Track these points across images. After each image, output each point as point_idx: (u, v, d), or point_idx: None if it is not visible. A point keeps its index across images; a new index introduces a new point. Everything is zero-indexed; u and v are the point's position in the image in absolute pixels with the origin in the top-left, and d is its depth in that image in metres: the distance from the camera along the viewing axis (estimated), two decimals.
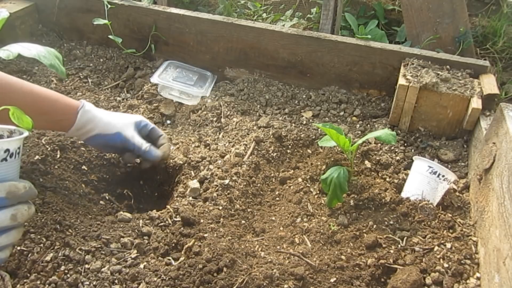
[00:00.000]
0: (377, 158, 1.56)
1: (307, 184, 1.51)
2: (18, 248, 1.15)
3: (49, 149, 1.52)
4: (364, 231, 1.32)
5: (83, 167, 1.57)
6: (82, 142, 1.59)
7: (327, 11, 2.15)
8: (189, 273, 1.16)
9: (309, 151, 1.66)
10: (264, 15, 2.74)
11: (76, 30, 2.19)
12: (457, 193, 1.45)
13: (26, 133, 0.98)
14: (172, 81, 1.90)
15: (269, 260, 1.23)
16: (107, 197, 1.53)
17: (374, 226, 1.33)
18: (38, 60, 1.20)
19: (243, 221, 1.39)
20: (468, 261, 1.21)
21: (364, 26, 2.44)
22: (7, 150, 0.92)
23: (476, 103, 1.54)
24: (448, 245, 1.26)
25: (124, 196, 1.60)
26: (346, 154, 1.48)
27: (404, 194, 1.42)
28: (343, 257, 1.24)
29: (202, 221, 1.31)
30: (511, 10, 2.53)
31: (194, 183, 1.44)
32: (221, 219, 1.34)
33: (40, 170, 1.43)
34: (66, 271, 1.14)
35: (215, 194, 1.41)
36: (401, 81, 1.62)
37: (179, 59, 2.06)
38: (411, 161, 1.53)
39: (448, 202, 1.41)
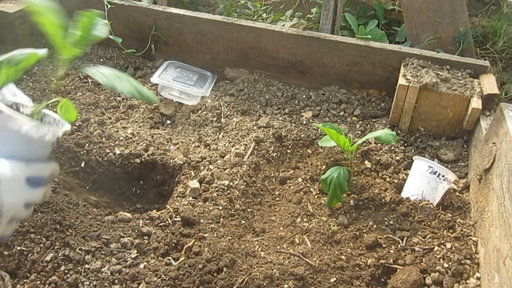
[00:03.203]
0: (377, 158, 1.56)
1: (307, 184, 1.51)
2: (18, 248, 1.15)
3: None
4: (364, 231, 1.32)
5: (83, 167, 1.57)
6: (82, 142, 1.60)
7: (327, 11, 2.15)
8: (189, 273, 1.16)
9: (309, 151, 1.66)
10: (264, 15, 2.74)
11: None
12: (457, 193, 1.45)
13: (68, 126, 1.08)
14: (172, 81, 1.90)
15: (269, 260, 1.23)
16: (106, 198, 1.54)
17: (374, 226, 1.33)
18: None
19: (243, 221, 1.39)
20: (468, 261, 1.21)
21: (364, 26, 2.43)
22: (58, 137, 1.05)
23: (476, 103, 1.54)
24: (448, 245, 1.26)
25: (124, 196, 1.61)
26: (346, 154, 1.48)
27: (404, 194, 1.42)
28: (343, 257, 1.24)
29: (202, 221, 1.31)
30: (511, 10, 2.53)
31: (194, 183, 1.44)
32: (221, 219, 1.34)
33: None
34: (66, 271, 1.14)
35: (215, 194, 1.41)
36: (401, 81, 1.62)
37: (179, 59, 2.06)
38: (411, 161, 1.53)
39: (448, 202, 1.41)
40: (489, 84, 1.61)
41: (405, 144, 1.65)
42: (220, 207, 1.37)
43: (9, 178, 0.94)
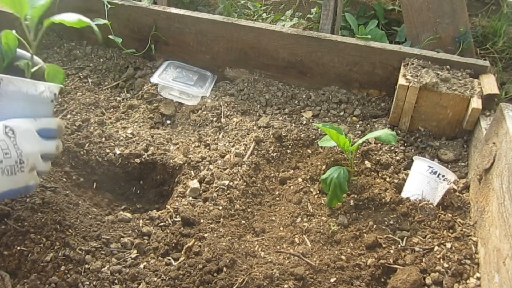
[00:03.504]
0: (377, 158, 1.56)
1: (307, 184, 1.51)
2: (18, 248, 1.15)
3: None
4: (364, 231, 1.32)
5: (84, 167, 1.58)
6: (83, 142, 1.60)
7: (327, 11, 2.15)
8: (189, 273, 1.16)
9: (309, 151, 1.66)
10: (264, 15, 2.74)
11: (76, 30, 2.17)
12: (457, 193, 1.45)
13: (61, 86, 1.22)
14: (172, 81, 1.90)
15: (269, 260, 1.23)
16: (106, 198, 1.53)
17: (374, 226, 1.33)
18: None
19: (243, 221, 1.39)
20: (468, 261, 1.22)
21: (364, 26, 2.43)
22: (55, 94, 1.17)
23: (476, 103, 1.54)
24: (448, 245, 1.26)
25: (124, 196, 1.61)
26: (346, 154, 1.48)
27: (404, 194, 1.42)
28: (343, 257, 1.24)
29: (202, 221, 1.31)
30: (511, 10, 2.53)
31: (194, 183, 1.44)
32: (221, 219, 1.34)
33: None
34: (66, 271, 1.14)
35: (215, 194, 1.41)
36: (401, 81, 1.62)
37: (179, 59, 2.06)
38: (411, 161, 1.53)
39: (448, 202, 1.41)
40: (489, 84, 1.61)
41: (405, 144, 1.65)
42: (220, 207, 1.38)
43: (22, 130, 1.06)
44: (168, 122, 1.85)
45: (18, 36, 1.22)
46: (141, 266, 1.19)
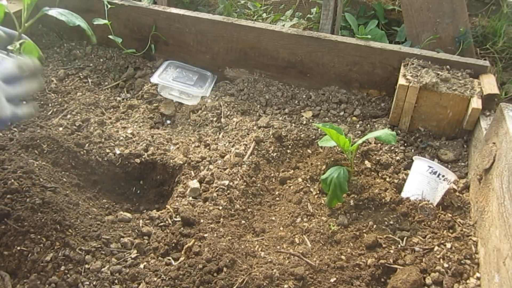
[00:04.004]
0: (377, 158, 1.56)
1: (307, 184, 1.51)
2: (18, 248, 1.15)
3: (49, 149, 1.52)
4: (364, 231, 1.32)
5: (84, 167, 1.58)
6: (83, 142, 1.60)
7: (327, 11, 2.15)
8: (189, 273, 1.16)
9: (309, 151, 1.66)
10: (264, 15, 2.74)
11: (76, 30, 2.18)
12: (457, 193, 1.45)
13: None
14: (172, 81, 1.90)
15: (269, 260, 1.23)
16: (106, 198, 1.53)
17: (374, 226, 1.33)
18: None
19: (243, 221, 1.39)
20: (468, 261, 1.22)
21: (364, 26, 2.43)
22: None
23: (476, 103, 1.54)
24: (448, 245, 1.26)
25: (124, 196, 1.61)
26: (346, 154, 1.48)
27: (404, 194, 1.42)
28: (343, 257, 1.24)
29: (202, 221, 1.31)
30: (511, 10, 2.53)
31: (194, 183, 1.44)
32: (221, 219, 1.34)
33: (41, 170, 1.43)
34: (66, 271, 1.14)
35: (215, 194, 1.41)
36: (401, 81, 1.62)
37: (179, 59, 2.06)
38: (411, 161, 1.53)
39: (448, 202, 1.41)
40: (489, 84, 1.61)
41: (405, 144, 1.65)
42: (220, 207, 1.38)
43: None
44: (168, 122, 1.85)
45: (11, 13, 1.29)
46: (141, 266, 1.19)
